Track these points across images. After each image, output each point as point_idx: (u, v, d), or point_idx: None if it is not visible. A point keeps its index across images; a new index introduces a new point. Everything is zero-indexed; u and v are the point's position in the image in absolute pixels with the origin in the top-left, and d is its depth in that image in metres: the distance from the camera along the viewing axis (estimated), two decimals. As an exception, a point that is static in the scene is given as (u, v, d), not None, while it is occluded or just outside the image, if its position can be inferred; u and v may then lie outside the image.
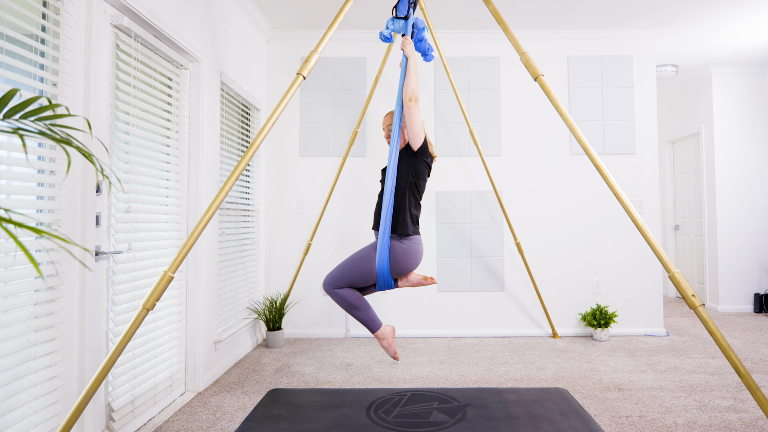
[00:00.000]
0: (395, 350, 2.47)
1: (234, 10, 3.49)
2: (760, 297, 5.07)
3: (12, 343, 1.64)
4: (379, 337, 2.45)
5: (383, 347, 2.47)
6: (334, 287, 2.38)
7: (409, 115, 2.31)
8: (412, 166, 2.39)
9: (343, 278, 2.37)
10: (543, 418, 2.26)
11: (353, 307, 2.39)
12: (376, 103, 4.25)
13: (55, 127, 1.31)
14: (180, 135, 2.83)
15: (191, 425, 2.41)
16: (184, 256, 1.74)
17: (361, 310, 2.40)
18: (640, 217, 1.88)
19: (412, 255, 2.36)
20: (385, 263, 2.29)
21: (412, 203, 2.39)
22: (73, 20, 1.92)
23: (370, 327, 2.43)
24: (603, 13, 3.94)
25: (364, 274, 2.35)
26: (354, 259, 2.39)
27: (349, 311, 2.41)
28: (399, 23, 2.48)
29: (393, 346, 2.47)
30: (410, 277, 2.47)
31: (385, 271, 2.31)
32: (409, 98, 2.31)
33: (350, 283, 2.38)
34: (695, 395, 2.75)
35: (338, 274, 2.38)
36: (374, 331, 2.44)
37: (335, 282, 2.38)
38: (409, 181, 2.38)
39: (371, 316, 2.41)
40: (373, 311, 2.43)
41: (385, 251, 2.29)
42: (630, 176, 4.26)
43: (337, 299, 2.39)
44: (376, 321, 2.43)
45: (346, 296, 2.38)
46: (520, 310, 4.24)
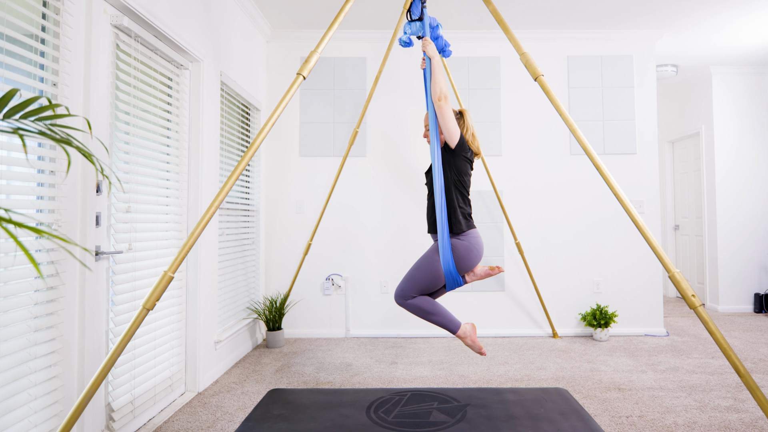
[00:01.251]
0: (480, 345, 2.42)
1: (234, 10, 3.49)
2: (760, 297, 5.07)
3: (12, 343, 1.64)
4: (461, 337, 2.41)
5: (467, 345, 2.43)
6: (406, 299, 2.36)
7: (441, 114, 2.31)
8: (453, 164, 2.37)
9: (412, 288, 2.35)
10: (543, 418, 2.26)
11: (429, 313, 2.36)
12: (376, 103, 4.25)
13: (55, 127, 1.31)
14: (180, 135, 2.83)
15: (191, 425, 2.41)
16: (184, 256, 1.74)
17: (437, 315, 2.37)
18: (640, 217, 1.88)
19: (473, 250, 2.35)
20: (450, 263, 2.29)
21: (459, 200, 2.37)
22: (73, 20, 1.92)
23: (450, 329, 2.39)
24: (603, 13, 3.94)
25: (432, 279, 2.34)
26: (419, 267, 2.37)
27: (425, 318, 2.38)
28: (415, 25, 2.51)
29: (477, 342, 2.41)
30: (477, 270, 2.46)
31: (452, 271, 2.30)
32: (438, 98, 2.30)
33: (420, 291, 2.36)
34: (695, 395, 2.75)
35: (407, 285, 2.36)
36: (455, 332, 2.40)
37: (406, 293, 2.36)
38: (453, 179, 2.37)
39: (449, 318, 2.38)
40: (449, 313, 2.39)
41: (448, 252, 2.28)
42: (630, 176, 4.26)
43: (411, 309, 2.37)
44: (455, 322, 2.39)
45: (420, 304, 2.35)
46: (520, 310, 4.24)
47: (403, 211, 4.24)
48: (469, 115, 2.49)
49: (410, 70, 4.27)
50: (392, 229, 4.23)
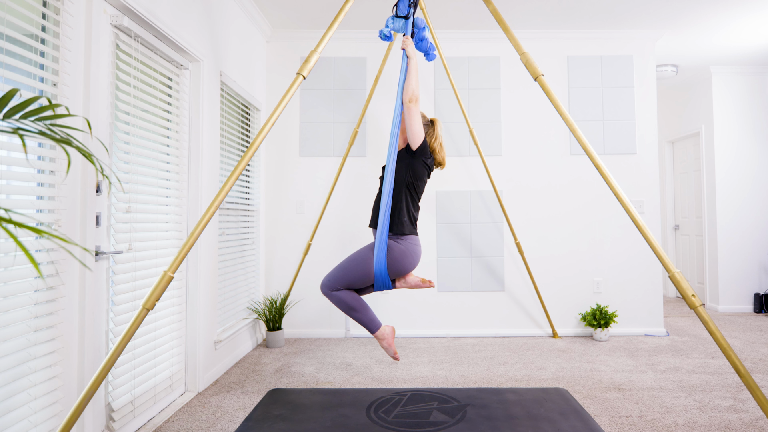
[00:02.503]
0: (395, 350, 2.47)
1: (234, 10, 3.49)
2: (760, 297, 5.07)
3: (12, 343, 1.64)
4: (378, 338, 2.45)
5: (383, 347, 2.47)
6: (332, 289, 2.37)
7: (409, 115, 2.32)
8: (411, 166, 2.38)
9: (340, 280, 2.36)
10: (543, 418, 2.26)
11: (351, 308, 2.38)
12: (376, 103, 4.25)
13: (55, 127, 1.31)
14: (180, 135, 2.83)
15: (191, 425, 2.41)
16: (184, 256, 1.74)
17: (359, 312, 2.38)
18: (640, 217, 1.88)
19: (409, 255, 2.35)
20: (383, 264, 2.29)
21: (408, 202, 2.38)
22: (73, 20, 1.92)
23: (369, 328, 2.42)
24: (603, 13, 3.94)
25: (362, 276, 2.34)
26: (351, 260, 2.38)
27: (347, 313, 2.40)
28: (399, 22, 2.46)
29: (393, 347, 2.46)
30: (408, 278, 2.46)
31: (382, 272, 2.30)
32: (409, 99, 2.30)
33: (348, 284, 2.36)
34: (695, 395, 2.75)
35: (335, 275, 2.37)
36: (374, 332, 2.43)
37: (332, 284, 2.37)
38: (407, 180, 2.38)
39: (370, 317, 2.41)
40: (371, 312, 2.42)
41: (383, 251, 2.27)
42: (630, 176, 4.26)
43: (334, 301, 2.38)
44: (375, 322, 2.42)
45: (344, 298, 2.37)
46: (520, 310, 4.24)
47: (403, 211, 4.23)
48: (439, 125, 2.51)
49: (410, 70, 4.26)
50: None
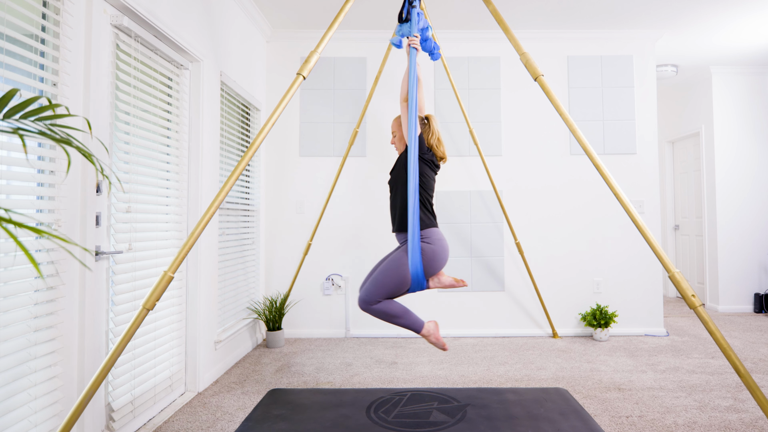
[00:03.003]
0: (443, 342, 2.41)
1: (234, 10, 3.49)
2: (760, 297, 5.07)
3: (12, 343, 1.63)
4: (424, 336, 2.39)
5: (431, 343, 2.41)
6: (371, 304, 2.32)
7: (404, 114, 2.33)
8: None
9: (378, 293, 2.31)
10: (543, 418, 2.26)
11: (394, 316, 2.33)
12: (376, 103, 4.24)
13: (55, 127, 1.31)
14: (180, 135, 2.83)
15: (191, 425, 2.41)
16: (184, 256, 1.74)
17: (402, 317, 2.34)
18: (640, 217, 1.88)
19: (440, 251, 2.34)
20: (419, 266, 2.27)
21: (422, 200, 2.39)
22: (73, 20, 1.92)
23: (414, 329, 2.37)
24: (603, 13, 3.94)
25: (399, 284, 2.30)
26: (385, 271, 2.34)
27: (390, 321, 2.35)
28: (405, 27, 2.53)
29: (441, 339, 2.41)
30: (442, 278, 2.44)
31: (419, 274, 2.28)
32: (404, 98, 2.35)
33: (386, 295, 2.32)
34: (695, 395, 2.75)
35: (372, 290, 2.32)
36: (419, 332, 2.38)
37: (371, 298, 2.32)
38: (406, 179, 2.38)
39: (413, 319, 2.36)
40: (413, 314, 2.37)
41: (417, 254, 2.26)
42: (630, 176, 4.26)
43: (376, 314, 2.34)
44: (418, 322, 2.37)
45: (385, 309, 2.32)
46: (520, 310, 4.24)
47: (403, 211, 4.23)
48: (434, 120, 2.52)
49: (410, 70, 4.26)
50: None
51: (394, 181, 2.47)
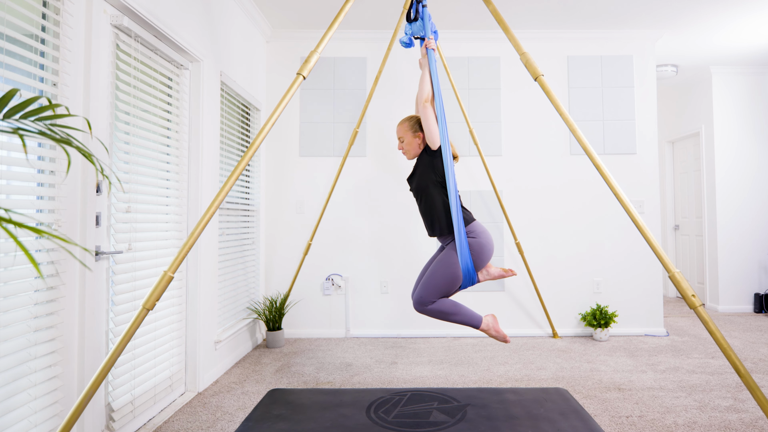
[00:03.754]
0: (504, 335, 2.40)
1: (234, 10, 3.49)
2: (760, 297, 5.07)
3: (12, 343, 1.63)
4: (484, 330, 2.39)
5: (492, 336, 2.41)
6: (426, 305, 2.32)
7: (426, 116, 2.32)
8: (434, 166, 2.38)
9: (432, 294, 2.32)
10: (543, 418, 2.26)
11: (451, 314, 2.33)
12: (376, 103, 4.25)
13: (55, 127, 1.31)
14: (180, 135, 2.83)
15: (191, 425, 2.41)
16: (184, 256, 1.74)
17: (458, 314, 2.34)
18: (640, 217, 1.88)
19: (486, 244, 2.34)
20: (469, 262, 2.28)
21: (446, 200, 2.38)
22: (73, 20, 1.92)
23: (473, 325, 2.37)
24: (603, 13, 3.94)
25: (450, 282, 2.31)
26: (435, 271, 2.34)
27: (447, 319, 2.35)
28: (416, 25, 2.53)
29: (501, 332, 2.40)
30: (491, 270, 2.46)
31: (470, 270, 2.30)
32: (425, 99, 2.32)
33: (440, 295, 2.33)
34: (695, 395, 2.75)
35: (427, 291, 2.32)
36: (478, 327, 2.38)
37: (425, 299, 2.32)
38: (435, 180, 2.38)
39: (470, 314, 2.36)
40: (469, 310, 2.37)
41: (466, 251, 2.27)
42: (630, 176, 4.26)
43: (433, 314, 2.34)
44: (476, 317, 2.37)
45: (441, 308, 2.32)
46: (520, 310, 4.24)
47: (403, 211, 4.23)
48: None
49: (410, 70, 4.27)
50: (392, 229, 4.23)
51: (422, 186, 2.41)
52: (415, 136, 2.46)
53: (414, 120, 2.48)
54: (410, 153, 2.49)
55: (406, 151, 2.50)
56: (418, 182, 2.44)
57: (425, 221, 2.46)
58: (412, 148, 2.47)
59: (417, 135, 2.45)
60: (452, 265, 2.30)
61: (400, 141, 2.51)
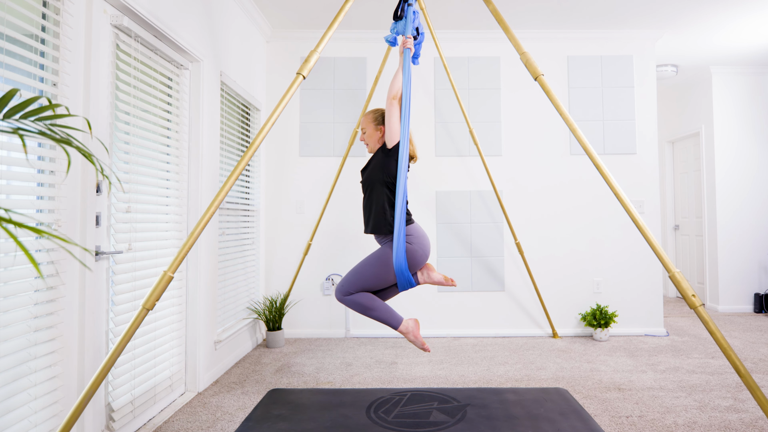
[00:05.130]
0: (423, 341, 2.37)
1: (234, 10, 3.49)
2: (760, 297, 5.07)
3: (12, 343, 1.63)
4: (403, 333, 2.36)
5: (410, 341, 2.38)
6: (345, 294, 2.32)
7: (390, 113, 2.28)
8: (385, 165, 2.34)
9: (354, 284, 2.30)
10: (543, 418, 2.26)
11: (368, 308, 2.31)
12: (376, 103, 4.24)
13: (55, 127, 1.31)
14: (180, 135, 2.83)
15: (191, 425, 2.41)
16: (184, 256, 1.74)
17: (377, 310, 2.32)
18: (640, 217, 1.88)
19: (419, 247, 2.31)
20: (402, 262, 2.24)
21: (390, 200, 2.34)
22: (73, 20, 1.92)
23: (391, 324, 2.34)
24: (603, 13, 3.94)
25: (378, 276, 2.29)
26: (365, 264, 2.34)
27: (365, 314, 2.33)
28: (400, 24, 2.52)
29: (420, 338, 2.37)
30: (432, 274, 2.43)
31: (403, 270, 2.26)
32: (393, 96, 2.28)
33: (363, 288, 2.31)
34: (695, 395, 2.75)
35: (350, 280, 2.31)
36: (396, 328, 2.35)
37: (346, 289, 2.31)
38: (383, 179, 2.34)
39: (390, 313, 2.34)
40: (391, 309, 2.36)
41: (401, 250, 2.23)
42: (630, 176, 4.26)
43: (350, 305, 2.33)
44: (395, 317, 2.34)
45: (358, 300, 2.31)
46: (520, 310, 4.24)
47: (403, 211, 4.23)
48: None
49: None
50: (392, 229, 4.23)
51: (370, 181, 2.39)
52: (376, 129, 2.42)
53: (379, 113, 2.45)
54: (370, 146, 2.46)
55: (367, 143, 2.47)
56: (367, 176, 2.41)
57: (364, 216, 2.43)
58: (372, 141, 2.44)
59: (378, 128, 2.42)
60: (380, 264, 2.28)
61: (362, 132, 2.48)
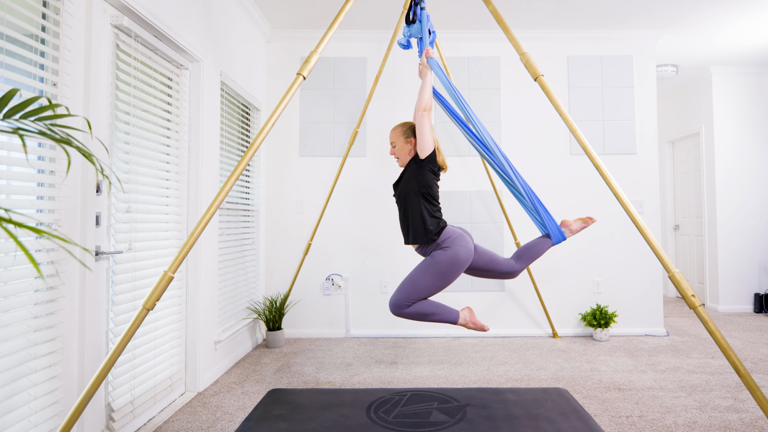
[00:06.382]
0: (482, 324, 2.44)
1: (234, 11, 3.49)
2: (760, 297, 5.07)
3: (12, 343, 1.64)
4: (462, 325, 2.42)
5: (470, 329, 2.45)
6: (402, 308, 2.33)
7: (421, 125, 2.35)
8: (419, 176, 2.39)
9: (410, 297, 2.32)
10: (543, 418, 2.26)
11: (429, 314, 2.35)
12: (376, 103, 4.24)
13: (55, 127, 1.31)
14: (180, 135, 2.83)
15: (191, 425, 2.41)
16: (184, 256, 1.74)
17: (437, 314, 2.36)
18: (640, 217, 1.88)
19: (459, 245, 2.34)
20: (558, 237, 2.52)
21: (428, 209, 2.38)
22: (73, 20, 1.92)
23: (451, 321, 2.40)
24: (603, 13, 3.94)
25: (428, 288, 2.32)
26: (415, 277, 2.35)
27: (425, 320, 2.37)
28: (414, 28, 2.54)
29: (478, 323, 2.43)
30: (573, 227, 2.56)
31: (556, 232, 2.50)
32: (423, 108, 2.34)
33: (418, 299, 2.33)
34: (695, 395, 2.75)
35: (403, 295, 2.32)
36: (456, 322, 2.41)
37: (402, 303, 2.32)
38: (417, 190, 2.38)
39: (447, 311, 2.38)
40: (446, 307, 2.39)
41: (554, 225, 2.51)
42: (630, 176, 4.26)
43: (410, 316, 2.35)
44: (453, 314, 2.39)
45: (418, 309, 2.34)
46: (520, 310, 4.24)
47: (403, 211, 4.23)
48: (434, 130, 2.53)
49: (410, 71, 4.27)
50: (392, 229, 4.23)
51: (404, 193, 2.42)
52: (406, 142, 2.47)
53: (407, 126, 2.50)
54: (401, 159, 2.50)
55: (398, 157, 2.51)
56: (401, 189, 2.45)
57: (402, 228, 2.47)
58: (403, 154, 2.48)
59: (408, 141, 2.46)
60: (430, 273, 2.31)
61: (392, 146, 2.52)
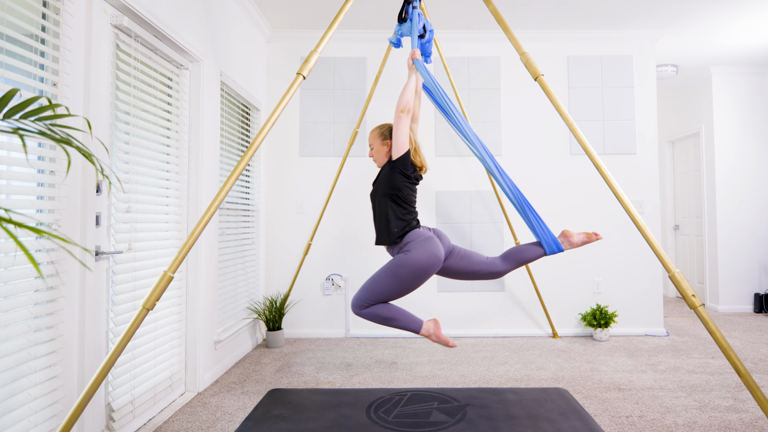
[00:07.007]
0: (447, 339, 2.34)
1: (234, 10, 3.49)
2: (760, 297, 5.07)
3: (12, 343, 1.63)
4: (425, 335, 2.34)
5: (434, 342, 2.36)
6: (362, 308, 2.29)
7: (398, 125, 2.29)
8: (389, 177, 2.35)
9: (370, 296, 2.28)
10: (543, 418, 2.26)
11: (388, 319, 2.28)
12: (376, 104, 4.24)
13: (55, 127, 1.31)
14: (180, 135, 2.83)
15: (191, 425, 2.41)
16: (184, 256, 1.74)
17: (397, 320, 2.29)
18: (640, 217, 1.88)
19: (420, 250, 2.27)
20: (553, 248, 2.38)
21: (397, 212, 2.34)
22: (73, 20, 1.92)
23: (412, 330, 2.32)
24: (603, 13, 3.94)
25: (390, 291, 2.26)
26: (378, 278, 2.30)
27: (385, 324, 2.30)
28: (404, 26, 2.53)
29: (442, 337, 2.34)
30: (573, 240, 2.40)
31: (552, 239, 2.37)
32: (401, 109, 2.28)
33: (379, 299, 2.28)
34: (695, 395, 2.75)
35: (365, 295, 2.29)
36: (418, 332, 2.32)
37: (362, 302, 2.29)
38: (386, 192, 2.35)
39: (409, 319, 2.31)
40: (409, 315, 2.32)
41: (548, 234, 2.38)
42: (630, 176, 4.26)
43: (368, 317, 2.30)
44: (416, 322, 2.31)
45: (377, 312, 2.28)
46: (520, 310, 4.24)
47: (403, 211, 4.23)
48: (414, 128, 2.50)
49: (410, 70, 4.26)
50: (392, 229, 4.23)
51: (376, 194, 2.42)
52: (383, 144, 2.45)
53: (385, 128, 2.48)
54: (378, 161, 2.49)
55: (375, 159, 2.49)
56: (374, 189, 2.46)
57: (376, 227, 2.44)
58: (380, 156, 2.46)
59: (385, 143, 2.45)
60: (394, 275, 2.26)
61: (370, 148, 2.51)
